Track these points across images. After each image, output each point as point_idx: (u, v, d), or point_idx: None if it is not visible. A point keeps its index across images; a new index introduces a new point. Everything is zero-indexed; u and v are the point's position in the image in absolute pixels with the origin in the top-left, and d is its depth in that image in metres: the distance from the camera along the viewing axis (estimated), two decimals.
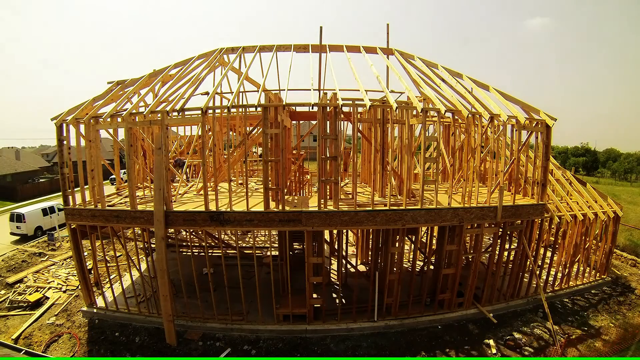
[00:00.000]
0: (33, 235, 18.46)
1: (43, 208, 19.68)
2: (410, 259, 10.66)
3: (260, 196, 9.70)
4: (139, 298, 10.39)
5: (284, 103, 9.04)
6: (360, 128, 11.85)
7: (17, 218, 18.33)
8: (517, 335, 9.34)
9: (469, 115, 9.45)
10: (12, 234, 18.44)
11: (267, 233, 15.79)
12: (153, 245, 9.70)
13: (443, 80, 11.09)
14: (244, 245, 15.07)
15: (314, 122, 13.34)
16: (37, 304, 10.90)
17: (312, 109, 11.40)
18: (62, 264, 14.19)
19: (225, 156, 12.90)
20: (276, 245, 13.55)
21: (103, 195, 9.39)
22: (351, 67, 10.46)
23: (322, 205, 8.88)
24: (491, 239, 10.94)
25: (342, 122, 9.62)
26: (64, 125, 9.23)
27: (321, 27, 11.93)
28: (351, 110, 9.75)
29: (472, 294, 10.29)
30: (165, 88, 10.67)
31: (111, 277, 11.57)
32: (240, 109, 11.05)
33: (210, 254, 9.54)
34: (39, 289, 11.79)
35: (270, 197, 9.06)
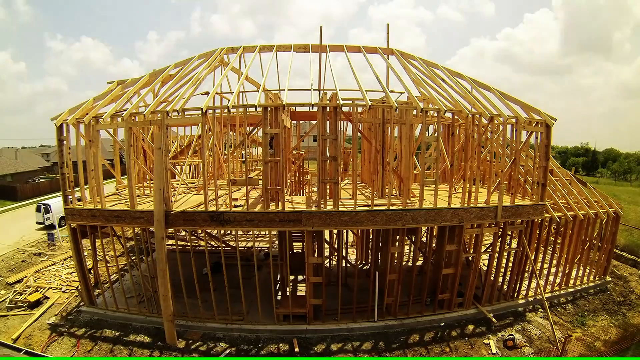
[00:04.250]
0: (58, 224, 19.39)
1: None
2: (411, 259, 10.66)
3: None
4: (139, 298, 10.39)
5: (284, 103, 9.04)
6: (361, 128, 11.85)
7: (45, 209, 19.90)
8: (517, 335, 9.35)
9: (469, 115, 9.45)
10: (38, 223, 20.01)
11: (267, 233, 15.77)
12: (153, 245, 9.70)
13: (443, 80, 11.09)
14: (244, 244, 15.06)
15: (314, 122, 13.35)
16: (37, 304, 10.90)
17: (312, 109, 11.40)
18: (62, 264, 14.19)
19: (225, 156, 12.90)
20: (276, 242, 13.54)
21: (103, 195, 9.39)
22: (351, 67, 10.45)
23: (322, 206, 8.88)
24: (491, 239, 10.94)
25: (342, 122, 9.62)
26: (64, 125, 9.23)
27: (321, 27, 11.93)
28: (351, 110, 9.76)
29: (472, 294, 10.29)
30: (165, 88, 10.67)
31: (111, 277, 11.57)
32: (240, 109, 11.05)
33: (210, 248, 9.60)
34: (39, 289, 11.78)
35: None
